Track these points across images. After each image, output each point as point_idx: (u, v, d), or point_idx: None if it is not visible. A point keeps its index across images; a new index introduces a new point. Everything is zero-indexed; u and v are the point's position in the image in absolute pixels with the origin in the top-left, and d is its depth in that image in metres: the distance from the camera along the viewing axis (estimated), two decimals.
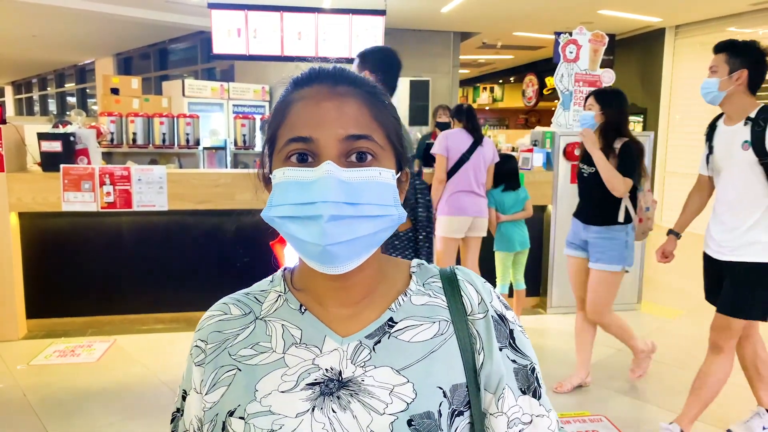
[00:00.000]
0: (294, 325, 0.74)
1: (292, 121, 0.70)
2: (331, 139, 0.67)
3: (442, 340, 0.74)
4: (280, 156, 0.70)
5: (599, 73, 4.73)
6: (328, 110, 0.68)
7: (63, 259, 4.10)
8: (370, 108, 0.70)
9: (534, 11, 7.93)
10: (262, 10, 6.18)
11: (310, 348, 0.72)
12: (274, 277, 0.81)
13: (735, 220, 2.58)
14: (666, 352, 3.98)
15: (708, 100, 2.66)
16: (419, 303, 0.76)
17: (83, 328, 4.10)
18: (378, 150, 0.69)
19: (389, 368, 0.71)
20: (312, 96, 0.70)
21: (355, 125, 0.68)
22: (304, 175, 0.66)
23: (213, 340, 0.76)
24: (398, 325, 0.74)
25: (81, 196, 3.86)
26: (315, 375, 0.71)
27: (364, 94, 0.71)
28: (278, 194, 0.68)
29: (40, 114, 19.18)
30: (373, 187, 0.67)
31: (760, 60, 2.56)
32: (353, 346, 0.72)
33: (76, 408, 3.01)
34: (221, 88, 8.55)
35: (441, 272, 0.80)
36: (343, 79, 0.71)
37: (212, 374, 0.74)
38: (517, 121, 16.83)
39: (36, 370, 3.48)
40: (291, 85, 0.74)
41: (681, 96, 8.65)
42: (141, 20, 8.68)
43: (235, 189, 4.05)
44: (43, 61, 15.84)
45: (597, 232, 3.15)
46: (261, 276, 0.84)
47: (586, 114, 3.19)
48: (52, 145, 3.89)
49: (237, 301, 0.79)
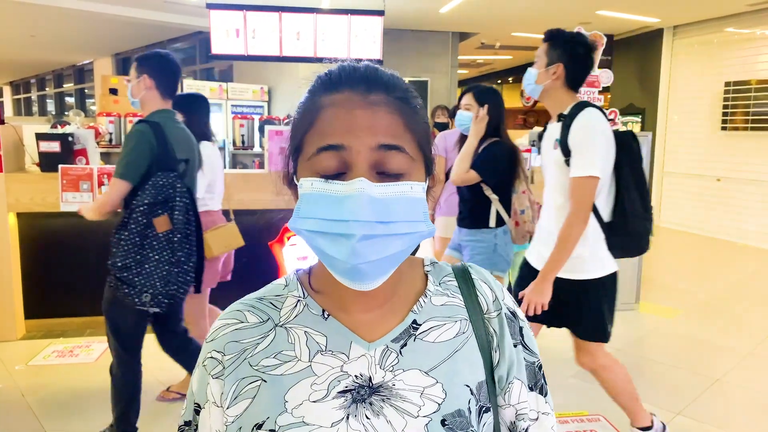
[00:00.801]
0: (318, 332, 0.73)
1: (322, 128, 0.67)
2: (363, 148, 0.65)
3: (464, 339, 0.75)
4: (309, 164, 0.67)
5: (597, 73, 4.73)
6: (359, 118, 0.66)
7: (61, 259, 4.10)
8: (402, 116, 0.68)
9: (532, 12, 7.94)
10: (260, 10, 6.18)
11: (337, 355, 0.71)
12: (288, 281, 0.79)
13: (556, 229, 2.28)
14: (663, 351, 3.99)
15: (528, 92, 2.41)
16: (439, 303, 0.77)
17: (81, 328, 4.10)
18: (409, 162, 0.68)
19: (418, 370, 0.71)
20: (343, 103, 0.67)
21: (388, 135, 0.66)
22: (335, 189, 0.65)
23: (230, 351, 0.73)
24: (422, 327, 0.74)
25: (79, 196, 3.86)
26: (345, 382, 0.70)
27: (396, 101, 0.69)
28: (306, 206, 0.67)
29: (38, 114, 19.16)
30: (404, 203, 0.66)
31: (580, 54, 2.31)
32: (380, 351, 0.72)
33: (74, 408, 3.01)
34: (220, 89, 8.55)
35: (455, 270, 0.81)
36: (375, 85, 0.69)
37: (233, 386, 0.71)
38: (515, 121, 16.83)
39: (34, 371, 3.47)
40: (319, 85, 0.71)
41: (679, 96, 8.66)
42: (139, 20, 8.67)
43: (233, 189, 4.04)
44: (41, 61, 15.82)
45: (467, 234, 3.09)
46: (259, 276, 0.83)
47: (464, 114, 3.09)
48: (51, 146, 3.88)
49: (251, 308, 0.76)
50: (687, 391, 3.33)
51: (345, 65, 0.72)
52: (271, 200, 4.03)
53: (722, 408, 3.17)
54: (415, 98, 0.72)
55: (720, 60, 7.94)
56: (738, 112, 7.64)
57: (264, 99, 9.00)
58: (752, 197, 7.56)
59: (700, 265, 6.72)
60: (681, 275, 6.12)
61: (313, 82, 0.72)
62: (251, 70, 9.73)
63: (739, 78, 7.61)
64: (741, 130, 7.63)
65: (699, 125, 8.32)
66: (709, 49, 8.11)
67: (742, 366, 3.71)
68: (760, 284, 5.85)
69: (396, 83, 0.71)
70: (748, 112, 7.51)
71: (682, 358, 3.82)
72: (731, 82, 7.64)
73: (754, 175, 7.52)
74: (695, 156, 8.41)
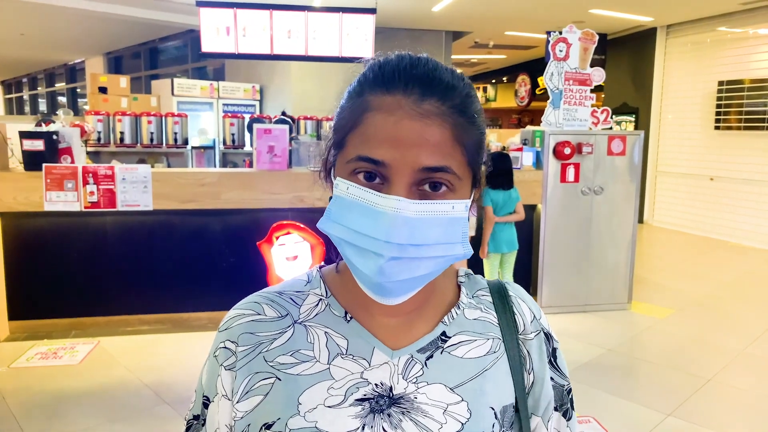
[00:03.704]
0: (339, 334, 0.69)
1: (365, 132, 0.62)
2: (406, 167, 0.60)
3: (494, 359, 0.71)
4: (348, 167, 0.63)
5: (589, 71, 4.71)
6: (407, 132, 0.60)
7: (46, 259, 4.03)
8: (454, 129, 0.62)
9: (526, 10, 7.91)
10: (251, 8, 6.12)
11: (358, 360, 0.67)
12: (310, 277, 0.75)
13: None
14: (654, 351, 3.96)
15: None
16: (472, 317, 0.73)
17: (67, 329, 4.04)
18: (454, 180, 0.62)
19: (443, 385, 0.67)
20: (392, 110, 0.61)
21: (434, 154, 0.61)
22: (371, 199, 0.60)
23: (245, 343, 0.69)
24: (451, 340, 0.70)
25: (64, 195, 3.80)
26: (364, 390, 0.66)
27: (450, 112, 0.62)
28: (339, 210, 0.63)
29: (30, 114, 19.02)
30: (441, 224, 0.62)
31: None
32: (404, 360, 0.68)
33: (55, 412, 2.95)
34: (211, 87, 8.49)
35: (490, 285, 0.77)
36: (431, 92, 0.62)
37: (245, 380, 0.67)
38: (510, 120, 16.84)
39: (16, 373, 3.41)
40: (371, 78, 0.65)
41: (672, 95, 8.66)
42: (130, 18, 8.60)
43: (221, 188, 4.00)
44: (32, 60, 15.70)
45: None
46: (248, 276, 0.79)
47: None
48: (35, 144, 3.82)
49: (270, 301, 0.72)
50: (679, 392, 3.29)
51: (403, 57, 0.65)
52: (259, 199, 3.99)
53: (714, 409, 3.14)
54: (474, 104, 0.65)
55: (713, 59, 7.94)
56: (731, 112, 7.63)
57: (256, 98, 8.94)
58: (745, 196, 7.55)
59: (693, 265, 6.70)
60: (673, 275, 6.11)
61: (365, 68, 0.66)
62: (243, 69, 9.67)
63: (732, 77, 7.60)
64: (734, 129, 7.63)
65: (692, 124, 8.31)
66: (703, 49, 8.11)
67: (734, 366, 3.68)
68: (752, 284, 5.83)
69: (455, 87, 0.64)
70: (741, 111, 7.50)
71: (674, 358, 3.79)
72: (724, 81, 7.63)
73: (748, 175, 7.51)
74: (688, 155, 8.40)
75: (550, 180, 4.57)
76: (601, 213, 4.67)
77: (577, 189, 4.61)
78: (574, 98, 4.67)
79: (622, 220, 4.72)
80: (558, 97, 4.64)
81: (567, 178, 4.58)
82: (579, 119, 4.68)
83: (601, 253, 4.70)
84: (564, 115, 4.65)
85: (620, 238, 4.73)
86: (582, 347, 3.94)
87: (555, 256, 4.65)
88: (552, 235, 4.63)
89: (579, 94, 4.68)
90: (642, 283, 5.32)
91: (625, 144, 4.64)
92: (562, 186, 4.60)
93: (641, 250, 6.20)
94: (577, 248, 4.67)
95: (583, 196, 4.63)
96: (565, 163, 4.55)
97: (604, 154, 4.62)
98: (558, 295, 4.69)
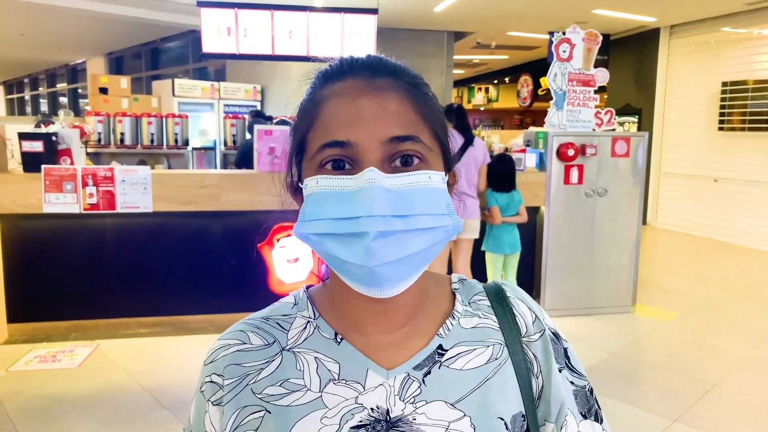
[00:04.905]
0: (330, 358, 0.65)
1: (324, 122, 0.60)
2: (372, 142, 0.58)
3: (496, 366, 0.66)
4: (313, 163, 0.60)
5: (593, 72, 4.66)
6: (366, 108, 0.59)
7: (45, 262, 4.00)
8: (414, 102, 0.61)
9: (528, 10, 7.87)
10: (252, 8, 6.09)
11: (351, 384, 0.63)
12: (297, 299, 0.71)
13: None
14: (659, 355, 3.92)
15: None
16: (469, 326, 0.68)
17: (66, 332, 4.01)
18: (425, 151, 0.60)
19: (443, 402, 0.63)
20: (346, 91, 0.60)
21: (399, 124, 0.59)
22: (343, 184, 0.57)
23: (231, 375, 0.65)
24: (449, 353, 0.66)
25: (63, 197, 3.77)
26: (359, 416, 0.62)
27: (405, 86, 0.61)
28: (312, 207, 0.59)
29: (32, 114, 19.03)
30: (423, 194, 0.58)
31: None
32: (400, 380, 0.64)
33: (53, 416, 2.92)
34: (212, 88, 8.47)
35: (486, 289, 0.73)
36: (381, 70, 0.62)
37: (233, 416, 0.64)
38: (512, 121, 16.80)
39: (15, 377, 3.38)
40: (319, 79, 0.64)
41: (676, 96, 8.61)
42: (131, 18, 8.58)
43: (221, 190, 3.97)
44: (33, 60, 15.71)
45: None
46: (248, 279, 0.75)
47: None
48: (33, 146, 3.79)
49: (256, 328, 0.68)
50: (684, 397, 3.25)
51: (346, 57, 0.65)
52: (260, 201, 3.95)
53: (721, 414, 3.10)
54: (427, 86, 0.65)
55: (717, 60, 7.89)
56: (735, 112, 7.58)
57: (257, 98, 8.92)
58: (749, 198, 7.50)
59: (697, 267, 6.65)
60: (677, 277, 6.06)
61: (313, 78, 0.66)
62: (244, 69, 9.65)
63: (736, 78, 7.55)
64: (738, 130, 7.57)
65: (696, 125, 8.26)
66: (706, 49, 8.05)
67: (739, 370, 3.64)
68: (757, 286, 5.78)
69: (403, 69, 0.64)
70: (745, 112, 7.45)
71: (679, 362, 3.75)
72: (728, 82, 7.58)
73: (752, 176, 7.46)
74: (692, 156, 8.35)
75: (554, 182, 4.53)
76: (604, 215, 4.63)
77: (580, 191, 4.57)
78: (577, 99, 4.63)
79: (625, 222, 4.68)
80: (561, 98, 4.60)
81: (570, 179, 4.54)
82: (583, 120, 4.64)
83: (604, 255, 4.66)
84: (567, 116, 4.61)
85: (624, 240, 4.69)
86: (585, 351, 3.90)
87: (558, 259, 4.61)
88: (555, 237, 4.59)
89: (582, 95, 4.64)
90: (646, 286, 5.28)
91: (629, 145, 4.60)
92: (566, 188, 4.56)
93: (644, 252, 6.15)
94: (580, 250, 4.63)
95: (586, 198, 4.59)
96: (569, 165, 4.51)
97: (607, 156, 4.58)
98: (561, 297, 4.65)
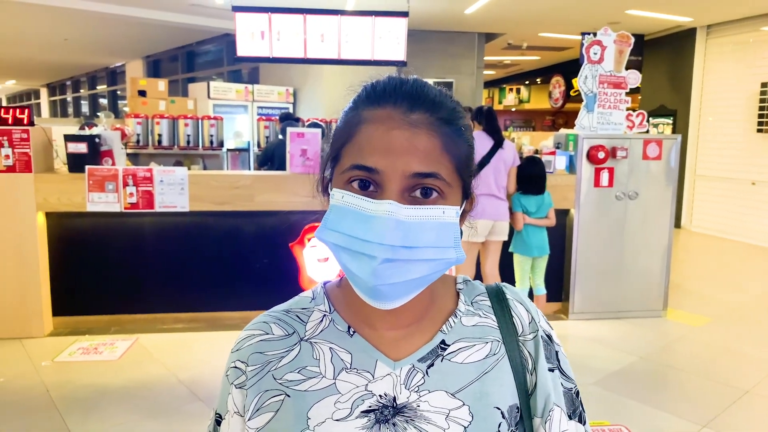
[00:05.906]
0: (343, 349, 0.72)
1: (359, 143, 0.67)
2: (397, 174, 0.64)
3: (494, 361, 0.73)
4: (343, 176, 0.67)
5: (624, 74, 4.63)
6: (397, 141, 0.65)
7: (87, 258, 4.18)
8: (443, 138, 0.66)
9: (560, 12, 7.81)
10: (285, 12, 6.21)
11: (362, 373, 0.71)
12: (315, 294, 0.79)
13: None
14: (689, 360, 3.87)
15: None
16: (470, 324, 0.75)
17: (107, 326, 4.18)
18: (444, 187, 0.66)
19: (444, 392, 0.70)
20: (383, 121, 0.66)
21: (424, 161, 0.65)
22: (364, 206, 0.64)
23: (254, 362, 0.73)
24: (451, 348, 0.73)
25: (105, 196, 3.93)
26: (369, 402, 0.69)
27: (438, 123, 0.67)
28: (334, 218, 0.67)
29: (73, 115, 19.68)
30: (433, 228, 0.65)
31: None
32: (406, 371, 0.71)
33: (95, 405, 3.06)
34: (246, 90, 8.65)
35: (488, 290, 0.80)
36: (419, 104, 0.67)
37: (256, 398, 0.71)
38: (544, 122, 16.63)
39: (59, 367, 3.55)
40: (363, 97, 0.70)
41: (712, 97, 8.42)
42: (168, 23, 8.83)
43: (254, 191, 4.08)
44: (75, 64, 16.24)
45: None
46: (280, 277, 0.83)
47: None
48: (78, 147, 3.97)
49: (278, 320, 0.76)
50: (714, 403, 3.22)
51: (392, 77, 0.70)
52: (292, 201, 4.05)
53: (751, 421, 3.06)
54: (461, 118, 0.70)
55: (756, 60, 7.68)
56: None
57: (289, 101, 9.07)
58: None
59: (731, 272, 6.51)
60: (711, 282, 5.95)
61: (358, 92, 0.72)
62: (277, 72, 9.82)
63: None
64: None
65: (733, 127, 8.07)
66: (745, 49, 7.86)
67: None
68: None
69: (442, 102, 0.69)
70: None
71: (710, 368, 3.70)
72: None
73: None
74: (729, 159, 8.16)
75: (584, 184, 4.51)
76: (635, 218, 4.59)
77: (611, 194, 4.54)
78: (608, 101, 4.60)
79: (657, 226, 4.63)
80: (592, 101, 4.58)
81: (601, 182, 4.51)
82: (613, 123, 4.61)
83: (635, 259, 4.62)
84: (598, 118, 4.59)
85: (655, 244, 4.64)
86: (614, 354, 3.88)
87: (588, 262, 4.59)
88: (585, 241, 4.57)
89: (614, 97, 4.61)
90: (678, 290, 5.20)
91: (660, 148, 4.55)
92: (596, 190, 4.53)
93: (678, 256, 6.05)
94: (610, 254, 4.60)
95: (617, 201, 4.56)
96: (599, 168, 4.49)
97: (639, 158, 4.54)
98: (590, 301, 4.63)
